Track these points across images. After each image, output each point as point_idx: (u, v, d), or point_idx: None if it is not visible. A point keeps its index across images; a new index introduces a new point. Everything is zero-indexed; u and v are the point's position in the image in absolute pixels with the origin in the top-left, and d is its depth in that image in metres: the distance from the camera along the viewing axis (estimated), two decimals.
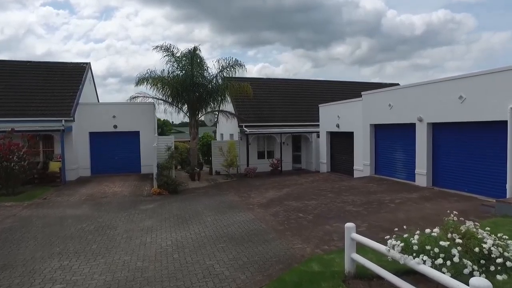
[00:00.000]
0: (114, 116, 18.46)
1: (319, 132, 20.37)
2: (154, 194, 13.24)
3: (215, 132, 30.53)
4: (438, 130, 12.04)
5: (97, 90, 23.49)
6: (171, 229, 8.36)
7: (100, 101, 24.14)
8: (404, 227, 5.22)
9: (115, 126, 18.48)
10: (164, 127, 36.64)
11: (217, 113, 21.17)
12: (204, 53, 20.43)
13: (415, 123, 12.67)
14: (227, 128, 24.31)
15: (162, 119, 36.79)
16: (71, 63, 20.27)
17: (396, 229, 7.65)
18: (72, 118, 16.42)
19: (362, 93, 16.10)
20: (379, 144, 15.28)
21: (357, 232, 7.61)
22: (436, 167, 12.11)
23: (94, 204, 11.57)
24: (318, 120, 20.57)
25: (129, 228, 8.53)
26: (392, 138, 14.44)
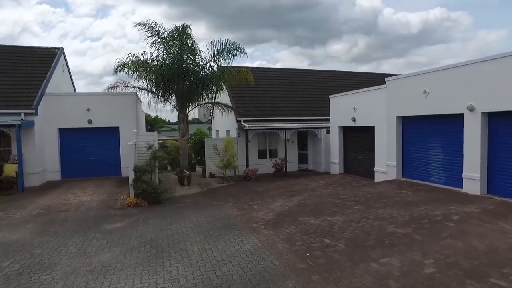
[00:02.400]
0: (88, 109, 15.56)
1: (329, 127, 17.60)
2: (129, 205, 10.40)
3: (210, 128, 27.70)
4: (497, 121, 9.26)
5: (94, 89, 20.40)
6: (136, 270, 5.53)
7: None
8: None
9: (89, 121, 15.58)
10: (155, 124, 33.68)
11: (211, 105, 18.31)
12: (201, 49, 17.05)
13: (462, 114, 9.90)
14: (223, 123, 21.46)
15: (153, 116, 33.85)
16: (39, 47, 17.32)
17: (493, 279, 4.89)
18: (34, 111, 13.51)
19: (386, 79, 13.31)
20: (409, 140, 12.50)
21: (424, 275, 4.86)
22: (495, 170, 9.34)
23: (46, 222, 8.70)
24: (328, 114, 17.80)
25: (73, 267, 5.68)
26: (427, 133, 11.66)
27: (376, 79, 21.08)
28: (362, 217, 8.12)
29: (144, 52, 14.59)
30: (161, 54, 15.36)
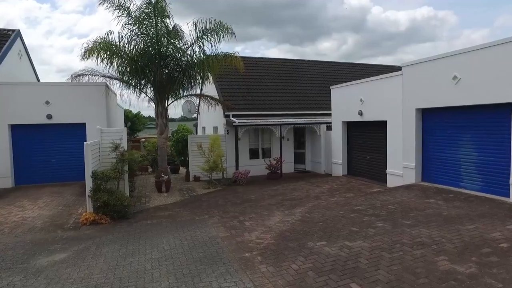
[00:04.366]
0: (47, 102, 13.04)
1: (330, 123, 15.47)
2: (84, 223, 8.03)
3: (196, 125, 25.32)
4: None
5: None
6: None
7: None
8: None
9: (49, 116, 13.06)
10: (137, 122, 31.01)
11: (195, 98, 15.96)
12: None
13: (510, 103, 7.83)
14: (209, 119, 19.17)
15: (135, 112, 31.21)
16: None
17: None
18: None
19: (402, 64, 11.20)
20: (431, 137, 10.43)
21: None
22: None
23: None
24: (329, 108, 15.69)
25: None
26: (456, 128, 9.59)
27: (383, 71, 19.10)
28: (394, 241, 5.96)
29: (111, 32, 12.07)
30: (134, 37, 12.92)
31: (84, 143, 8.60)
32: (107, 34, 11.93)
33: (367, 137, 13.41)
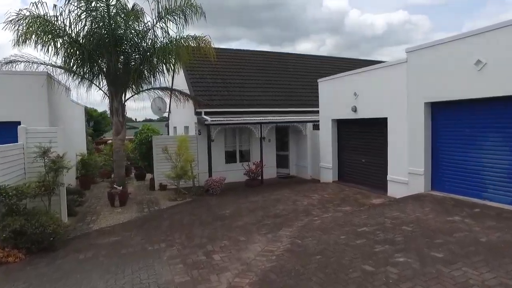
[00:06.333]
0: None
1: (318, 121, 13.50)
2: None
3: (168, 126, 22.87)
4: None
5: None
6: None
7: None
8: None
9: None
10: (102, 122, 28.07)
11: (161, 92, 13.56)
12: None
13: None
14: (180, 117, 16.86)
15: (100, 111, 28.26)
16: None
17: None
18: None
19: (407, 49, 9.32)
20: (444, 137, 8.60)
21: None
22: None
23: None
24: (316, 105, 13.72)
25: None
26: (479, 126, 7.78)
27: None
28: None
29: (41, 3, 9.54)
30: (83, 16, 10.48)
31: None
32: (35, 6, 9.38)
33: (362, 137, 11.51)
